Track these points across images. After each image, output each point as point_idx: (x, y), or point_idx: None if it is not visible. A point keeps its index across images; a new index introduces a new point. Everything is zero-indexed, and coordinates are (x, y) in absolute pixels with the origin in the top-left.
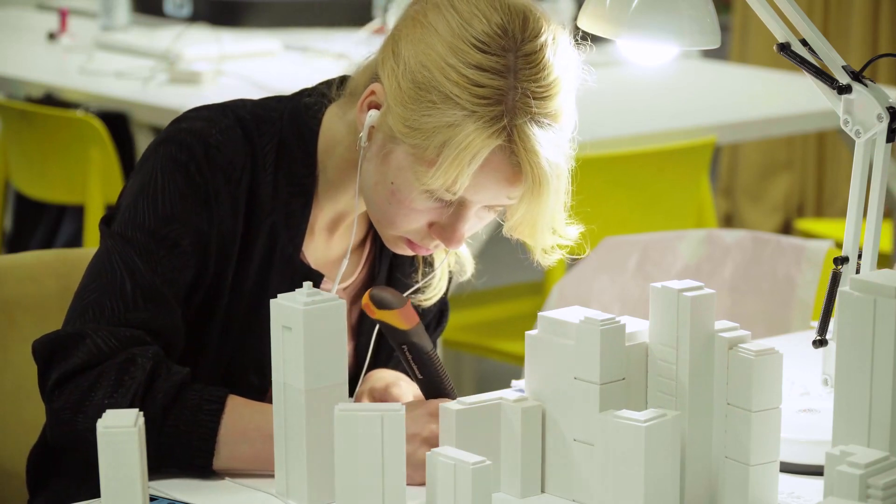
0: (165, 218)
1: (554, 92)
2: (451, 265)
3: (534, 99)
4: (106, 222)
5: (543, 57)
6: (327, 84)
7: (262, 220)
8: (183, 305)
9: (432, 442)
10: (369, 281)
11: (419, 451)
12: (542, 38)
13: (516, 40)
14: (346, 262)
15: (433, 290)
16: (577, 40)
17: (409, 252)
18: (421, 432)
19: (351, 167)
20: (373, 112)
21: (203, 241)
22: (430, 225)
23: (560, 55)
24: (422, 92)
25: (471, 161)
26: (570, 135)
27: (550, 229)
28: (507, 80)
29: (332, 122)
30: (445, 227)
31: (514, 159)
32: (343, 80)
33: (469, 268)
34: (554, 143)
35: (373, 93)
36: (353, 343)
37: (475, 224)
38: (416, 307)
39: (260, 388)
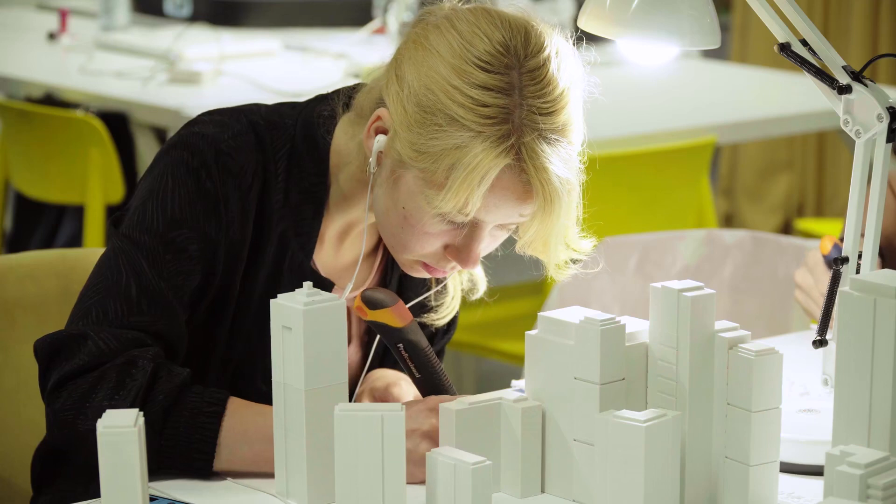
0: (174, 222)
1: (560, 106)
2: (462, 283)
3: (540, 115)
4: (115, 224)
5: (548, 72)
6: (339, 95)
7: (273, 227)
8: (189, 311)
9: (433, 436)
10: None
11: (420, 447)
12: (546, 53)
13: (519, 57)
14: (357, 271)
15: (445, 309)
16: (576, 41)
17: (425, 275)
18: (421, 427)
19: (362, 185)
20: (380, 137)
21: (211, 246)
22: (445, 247)
23: (564, 68)
24: (427, 115)
25: (480, 182)
26: (579, 148)
27: (563, 244)
28: (512, 98)
29: (342, 139)
30: (460, 249)
31: (524, 177)
32: (354, 90)
33: (482, 286)
34: (563, 158)
35: (379, 118)
36: (362, 351)
37: (490, 244)
38: (428, 326)
39: (268, 395)
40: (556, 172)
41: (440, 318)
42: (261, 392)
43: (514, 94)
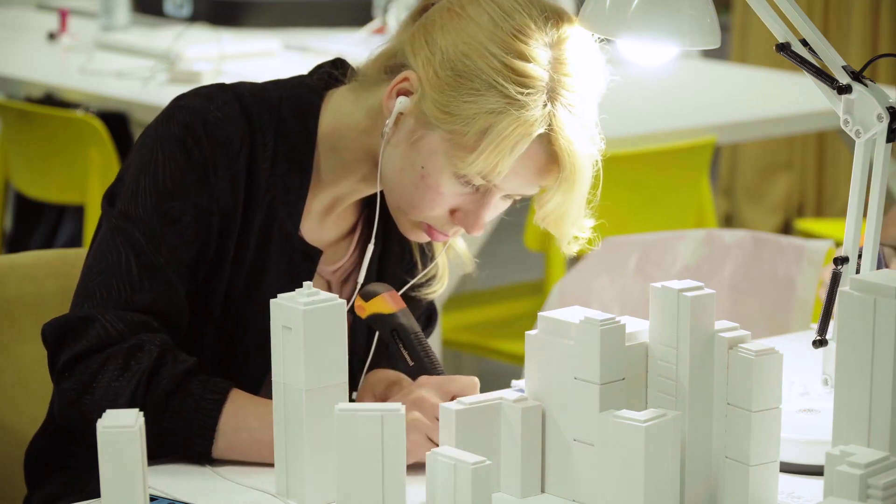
0: (166, 194)
1: (588, 85)
2: (449, 258)
3: (571, 91)
4: (108, 201)
5: (578, 53)
6: (332, 65)
7: (261, 196)
8: (187, 281)
9: (418, 405)
10: (359, 264)
11: (408, 415)
12: (575, 35)
13: (553, 35)
14: (370, 249)
15: (438, 283)
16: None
17: (425, 238)
18: (408, 396)
19: (367, 151)
20: (402, 98)
21: (204, 216)
22: (452, 212)
23: (590, 51)
24: (462, 80)
25: (513, 149)
26: (597, 127)
27: (574, 220)
28: (547, 72)
29: (342, 106)
30: (468, 214)
31: (551, 149)
32: (341, 63)
33: (468, 262)
34: (589, 134)
35: (406, 79)
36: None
37: (493, 212)
38: (420, 300)
39: (262, 364)
40: (582, 146)
41: (433, 290)
42: (255, 360)
43: (549, 68)
